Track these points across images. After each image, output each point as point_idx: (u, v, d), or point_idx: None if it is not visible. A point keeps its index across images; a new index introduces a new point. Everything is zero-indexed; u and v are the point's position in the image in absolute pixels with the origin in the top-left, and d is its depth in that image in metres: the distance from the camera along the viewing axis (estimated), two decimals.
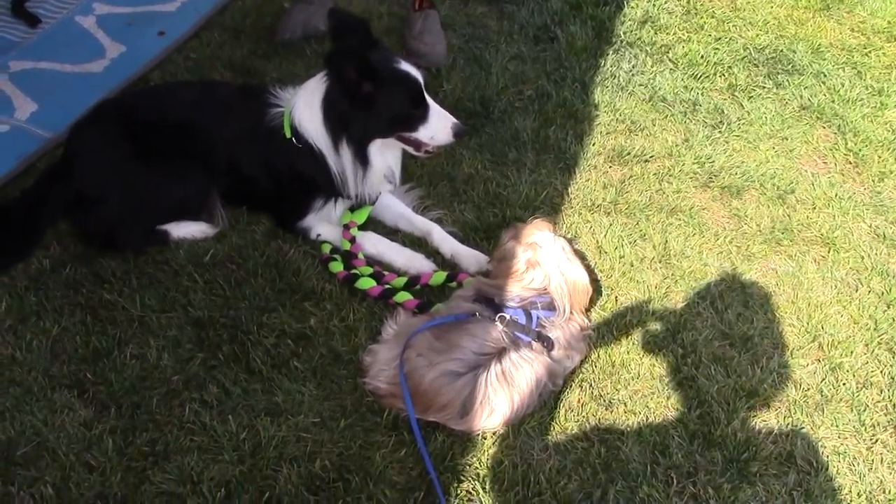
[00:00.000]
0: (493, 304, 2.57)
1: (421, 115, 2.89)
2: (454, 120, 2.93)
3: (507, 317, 2.52)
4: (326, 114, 2.85)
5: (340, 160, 2.90)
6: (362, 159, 2.90)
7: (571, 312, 2.63)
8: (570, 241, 2.80)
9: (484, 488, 2.40)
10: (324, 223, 3.08)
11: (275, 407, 2.53)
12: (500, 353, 2.48)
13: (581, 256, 2.85)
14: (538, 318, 2.57)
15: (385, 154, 2.99)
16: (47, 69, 3.78)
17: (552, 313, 2.59)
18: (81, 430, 2.42)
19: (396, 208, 3.19)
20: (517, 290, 2.59)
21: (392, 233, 3.17)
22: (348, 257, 2.96)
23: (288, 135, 2.89)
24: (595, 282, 2.93)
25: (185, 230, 3.01)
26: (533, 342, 2.52)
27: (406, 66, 2.85)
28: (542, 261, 2.60)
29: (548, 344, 2.55)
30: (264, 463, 2.38)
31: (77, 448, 2.38)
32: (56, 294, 2.79)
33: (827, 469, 2.54)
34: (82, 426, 2.43)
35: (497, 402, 2.46)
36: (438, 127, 2.91)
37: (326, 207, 3.05)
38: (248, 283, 2.88)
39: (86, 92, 3.59)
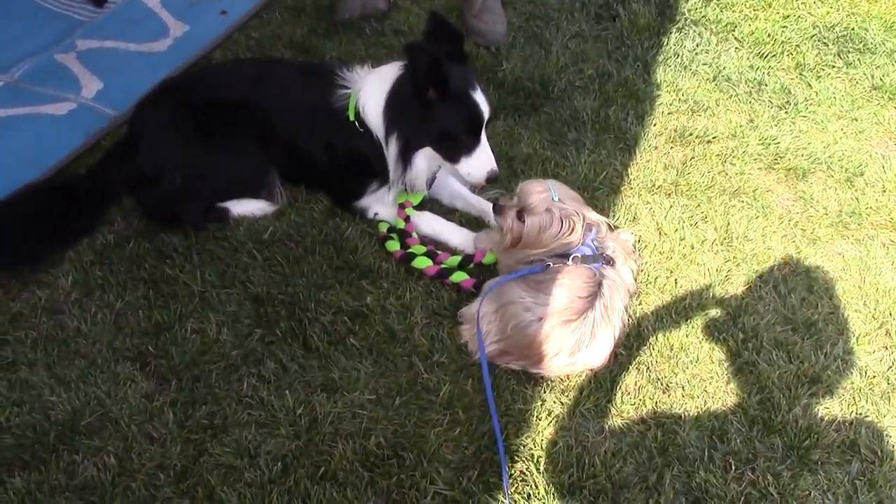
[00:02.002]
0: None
1: (467, 146, 2.84)
2: (494, 167, 2.87)
3: (578, 255, 2.60)
4: (388, 102, 2.83)
5: (389, 152, 2.90)
6: (405, 160, 2.88)
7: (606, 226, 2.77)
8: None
9: (538, 469, 2.39)
10: (380, 203, 3.08)
11: (331, 383, 2.55)
12: (597, 292, 2.55)
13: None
14: (594, 242, 2.66)
15: (432, 161, 2.95)
16: (113, 48, 3.84)
17: (595, 233, 2.68)
18: (143, 402, 2.47)
19: (454, 188, 3.18)
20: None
21: (449, 212, 3.16)
22: (402, 236, 2.96)
23: (351, 117, 2.89)
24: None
25: (244, 207, 3.04)
26: (605, 266, 2.61)
27: (478, 96, 2.79)
28: (561, 206, 2.65)
29: (612, 262, 2.64)
30: (320, 438, 2.40)
31: (139, 419, 2.43)
32: (120, 269, 2.84)
33: (892, 458, 2.47)
34: (144, 398, 2.48)
35: (604, 337, 2.55)
36: (479, 165, 2.86)
37: (382, 190, 3.05)
38: (305, 260, 2.90)
39: (149, 70, 3.64)
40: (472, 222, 3.11)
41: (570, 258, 2.58)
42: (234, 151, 2.96)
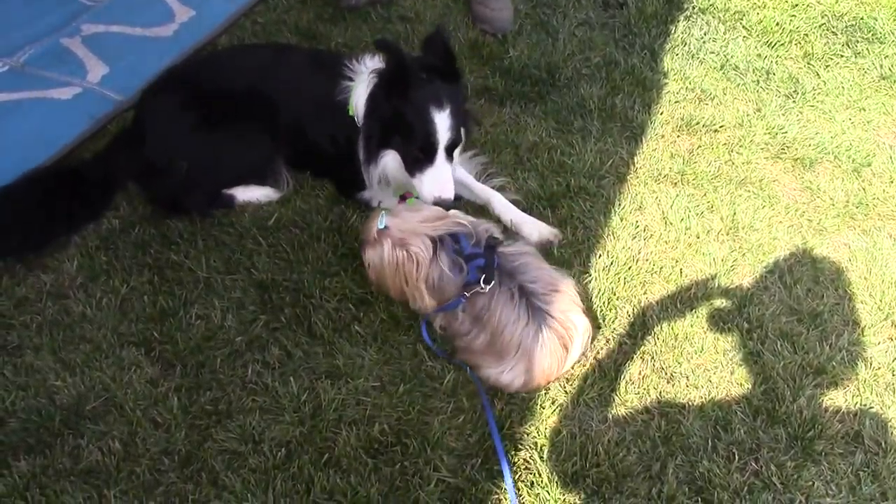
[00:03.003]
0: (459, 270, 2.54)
1: (421, 164, 2.76)
2: (444, 193, 2.74)
3: (482, 285, 2.47)
4: (368, 97, 2.83)
5: (359, 146, 2.89)
6: (368, 157, 2.86)
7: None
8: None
9: (541, 457, 2.39)
10: (383, 194, 3.08)
11: (335, 370, 2.55)
12: (529, 299, 2.47)
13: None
14: (471, 244, 2.57)
15: (402, 170, 2.88)
16: (118, 33, 3.83)
17: (465, 235, 2.58)
18: (148, 388, 2.48)
19: (458, 176, 3.16)
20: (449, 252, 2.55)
21: (455, 199, 3.14)
22: None
23: (350, 112, 2.88)
24: None
25: (250, 194, 3.04)
26: (503, 251, 2.56)
27: (440, 118, 2.69)
28: (391, 232, 2.55)
29: (499, 241, 2.61)
30: (324, 425, 2.41)
31: (144, 404, 2.44)
32: (125, 254, 2.84)
33: None
34: (149, 383, 2.49)
35: (576, 319, 2.51)
36: (429, 186, 2.76)
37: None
38: (310, 247, 2.90)
39: (155, 55, 3.64)
40: (477, 211, 3.10)
41: (483, 281, 2.47)
42: (240, 139, 2.96)
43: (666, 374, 2.63)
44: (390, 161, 2.86)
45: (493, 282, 2.48)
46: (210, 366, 2.55)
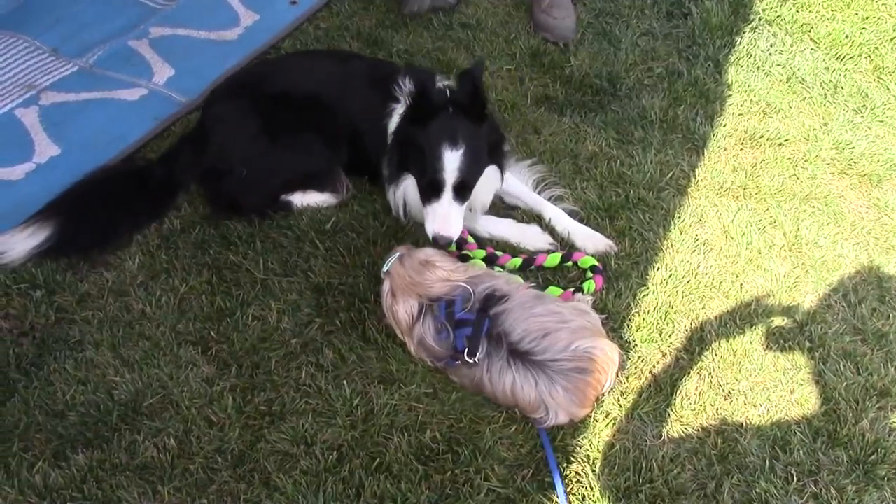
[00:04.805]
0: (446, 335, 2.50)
1: (431, 197, 2.75)
2: (444, 231, 2.71)
3: (471, 356, 2.42)
4: (399, 120, 2.85)
5: (383, 165, 2.92)
6: (391, 178, 2.88)
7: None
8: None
9: (594, 471, 2.36)
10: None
11: (388, 375, 2.55)
12: (524, 361, 2.41)
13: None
14: (464, 308, 2.49)
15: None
16: (184, 35, 3.90)
17: (461, 300, 2.50)
18: (204, 386, 2.51)
19: (514, 186, 3.15)
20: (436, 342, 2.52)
21: (511, 209, 3.14)
22: (460, 242, 2.92)
23: (390, 131, 2.90)
24: None
25: (308, 200, 3.06)
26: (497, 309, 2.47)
27: (450, 157, 2.67)
28: (392, 278, 2.56)
29: (502, 298, 2.50)
30: (376, 430, 2.41)
31: (199, 403, 2.46)
32: (185, 254, 2.88)
33: None
34: (205, 382, 2.52)
35: (585, 346, 2.41)
36: (430, 221, 2.75)
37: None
38: (366, 251, 2.91)
39: (220, 58, 3.70)
40: (533, 221, 3.06)
41: (467, 356, 2.42)
42: (300, 148, 2.99)
43: (723, 390, 2.58)
44: (410, 185, 2.87)
45: (479, 354, 2.42)
46: (265, 367, 2.57)
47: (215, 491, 2.27)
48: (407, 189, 2.89)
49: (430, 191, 2.74)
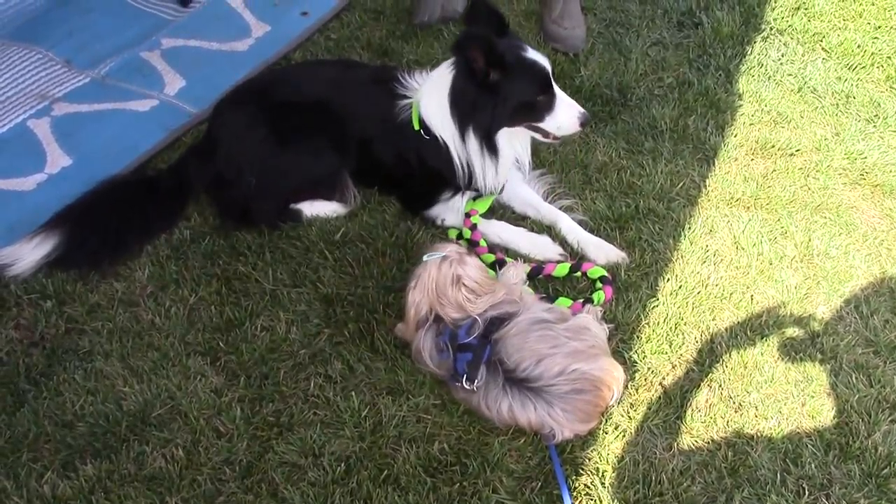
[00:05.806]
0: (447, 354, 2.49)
1: (547, 104, 2.83)
2: (580, 109, 2.87)
3: (473, 382, 2.40)
4: (453, 104, 2.82)
5: (467, 150, 2.88)
6: (490, 149, 2.87)
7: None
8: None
9: (603, 483, 2.34)
10: (450, 211, 3.07)
11: (397, 386, 2.55)
12: (522, 389, 2.39)
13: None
14: (468, 334, 2.47)
15: (513, 142, 2.96)
16: (196, 47, 3.93)
17: (467, 326, 2.47)
18: (212, 397, 2.51)
19: (525, 196, 3.15)
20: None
21: (521, 219, 3.13)
22: (471, 245, 2.94)
23: (416, 127, 2.90)
24: None
25: (317, 209, 3.07)
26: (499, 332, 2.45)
27: (533, 55, 2.80)
28: (414, 289, 2.52)
29: (503, 319, 2.47)
30: (384, 441, 2.40)
31: (207, 413, 2.47)
32: (195, 264, 2.89)
33: None
34: (213, 393, 2.52)
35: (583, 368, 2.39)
36: (565, 117, 2.86)
37: (455, 197, 3.04)
38: (376, 262, 2.91)
39: (231, 69, 3.72)
40: (543, 231, 3.06)
41: (465, 381, 2.41)
42: (308, 156, 3.00)
43: (734, 403, 2.56)
44: (504, 146, 2.91)
45: (478, 381, 2.40)
46: (273, 377, 2.57)
47: (223, 502, 2.27)
48: (503, 149, 2.91)
49: (545, 98, 2.83)
